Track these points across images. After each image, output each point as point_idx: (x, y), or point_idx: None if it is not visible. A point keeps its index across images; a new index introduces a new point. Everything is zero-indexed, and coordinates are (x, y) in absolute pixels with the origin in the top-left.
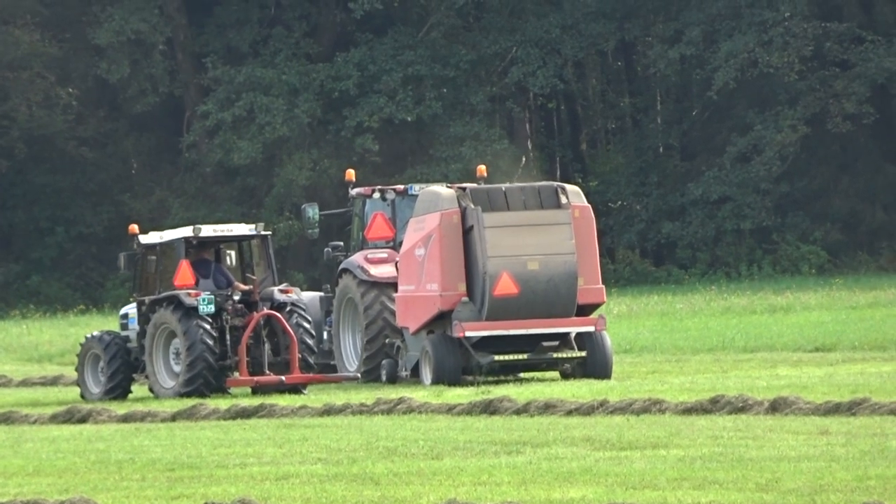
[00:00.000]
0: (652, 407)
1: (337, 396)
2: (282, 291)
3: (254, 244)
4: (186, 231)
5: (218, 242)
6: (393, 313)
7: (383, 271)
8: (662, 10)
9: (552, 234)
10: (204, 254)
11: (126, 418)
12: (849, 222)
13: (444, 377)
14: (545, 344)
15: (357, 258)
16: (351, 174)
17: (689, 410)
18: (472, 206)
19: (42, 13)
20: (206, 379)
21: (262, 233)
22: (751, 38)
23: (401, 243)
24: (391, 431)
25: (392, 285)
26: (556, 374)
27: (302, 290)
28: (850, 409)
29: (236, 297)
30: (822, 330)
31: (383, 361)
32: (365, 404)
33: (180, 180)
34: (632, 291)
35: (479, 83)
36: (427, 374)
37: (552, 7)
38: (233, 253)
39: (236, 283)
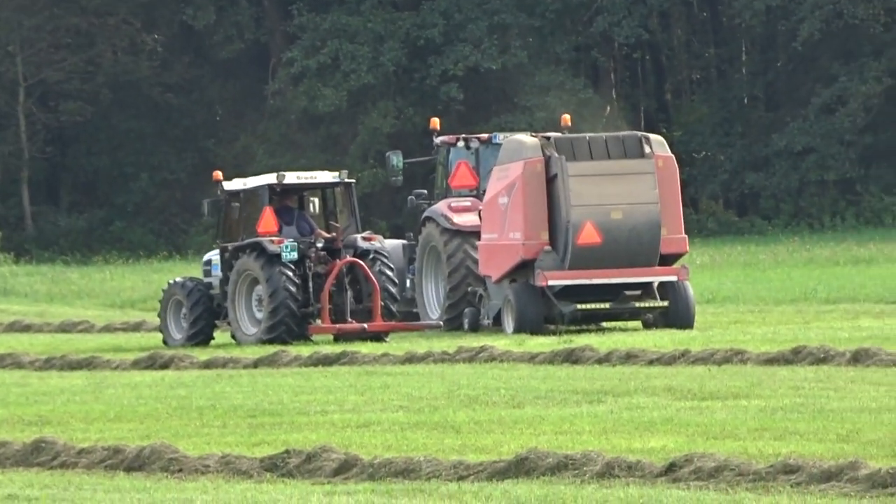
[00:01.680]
0: (733, 357)
1: (419, 344)
2: (365, 239)
3: (337, 192)
4: (270, 178)
5: (301, 190)
6: (476, 262)
7: (467, 220)
8: None
9: (636, 183)
10: (287, 201)
11: (208, 365)
12: None
13: (526, 326)
14: (627, 293)
15: (440, 206)
16: (435, 122)
17: (770, 361)
18: (556, 154)
19: None
20: (288, 326)
21: (346, 180)
22: None
23: (484, 192)
24: (473, 380)
25: (475, 234)
26: (638, 323)
27: (385, 237)
28: None
29: (319, 245)
30: None
31: (465, 310)
32: (447, 352)
33: (265, 127)
34: (715, 242)
35: (565, 32)
36: (509, 323)
37: None
38: (316, 200)
39: (319, 231)
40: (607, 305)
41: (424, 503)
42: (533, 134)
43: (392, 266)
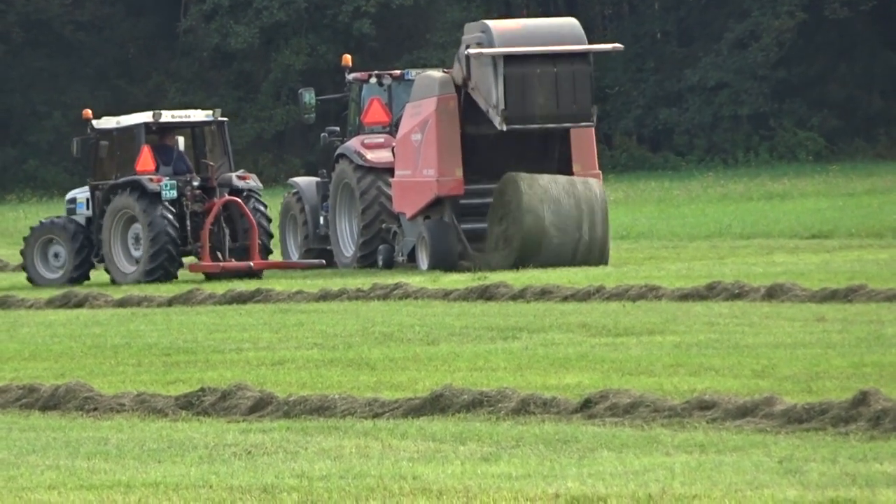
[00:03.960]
0: (648, 293)
1: (333, 282)
2: (239, 178)
3: (211, 130)
4: (146, 116)
5: (175, 128)
6: (389, 198)
7: (380, 156)
8: None
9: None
10: (167, 140)
11: (122, 303)
12: (846, 109)
13: (441, 262)
14: None
15: (353, 143)
16: (348, 59)
17: (685, 297)
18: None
19: None
20: (166, 269)
21: (219, 119)
22: None
23: (397, 128)
24: (387, 317)
25: (388, 170)
26: None
27: (299, 175)
28: (847, 295)
29: (195, 183)
30: (819, 217)
31: (380, 247)
32: (361, 289)
33: (177, 65)
34: (629, 178)
35: None
36: (423, 260)
37: None
38: (182, 139)
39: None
40: None
41: (340, 440)
42: (445, 70)
43: (266, 204)
